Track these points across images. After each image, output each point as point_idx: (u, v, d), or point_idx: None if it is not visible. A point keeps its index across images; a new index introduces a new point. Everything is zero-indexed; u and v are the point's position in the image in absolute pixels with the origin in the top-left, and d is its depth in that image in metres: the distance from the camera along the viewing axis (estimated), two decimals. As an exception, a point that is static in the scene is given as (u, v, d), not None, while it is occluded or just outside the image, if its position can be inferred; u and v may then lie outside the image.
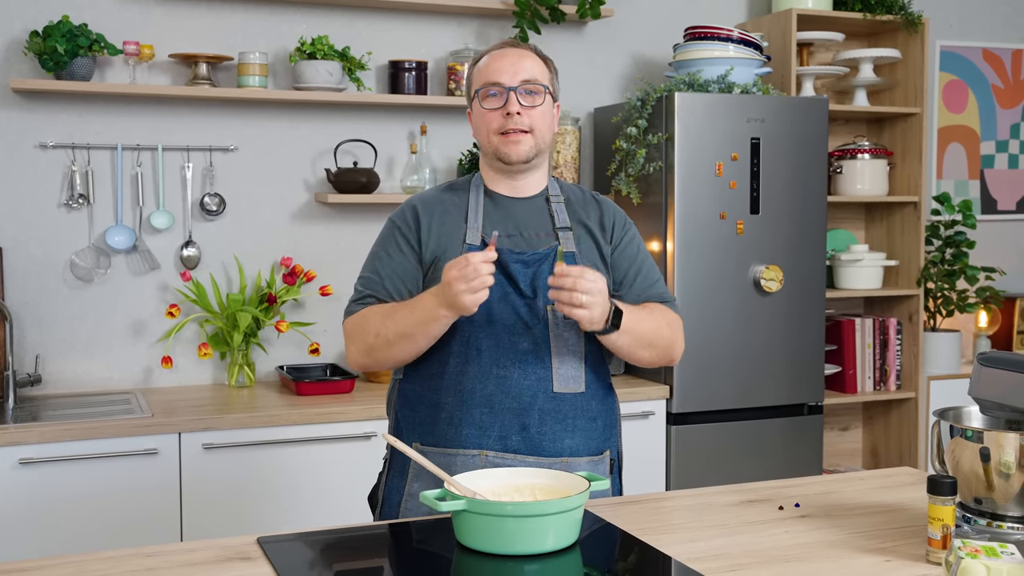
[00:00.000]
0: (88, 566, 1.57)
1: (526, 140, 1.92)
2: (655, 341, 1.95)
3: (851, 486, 2.03)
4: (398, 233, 1.97)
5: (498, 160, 1.95)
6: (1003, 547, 1.47)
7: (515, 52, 1.96)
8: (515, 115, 1.90)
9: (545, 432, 1.90)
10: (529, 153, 1.94)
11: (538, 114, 1.93)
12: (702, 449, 3.33)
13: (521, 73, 1.92)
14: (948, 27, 4.30)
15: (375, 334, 1.88)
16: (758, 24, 3.86)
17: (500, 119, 1.92)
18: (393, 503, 1.97)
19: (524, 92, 1.92)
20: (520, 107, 1.91)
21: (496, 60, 1.95)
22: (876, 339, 3.89)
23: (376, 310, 1.91)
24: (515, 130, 1.91)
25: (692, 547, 1.65)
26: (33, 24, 3.13)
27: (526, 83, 1.92)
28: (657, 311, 1.98)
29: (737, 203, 3.34)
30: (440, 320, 1.82)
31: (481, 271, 1.73)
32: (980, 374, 1.71)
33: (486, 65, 1.96)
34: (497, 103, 1.92)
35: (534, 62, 1.95)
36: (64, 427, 2.68)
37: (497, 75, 1.92)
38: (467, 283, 1.73)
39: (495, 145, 1.93)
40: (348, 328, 1.95)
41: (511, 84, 1.91)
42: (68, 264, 3.20)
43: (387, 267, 1.95)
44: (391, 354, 1.89)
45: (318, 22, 3.43)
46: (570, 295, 1.76)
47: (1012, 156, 4.45)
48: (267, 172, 3.40)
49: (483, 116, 1.94)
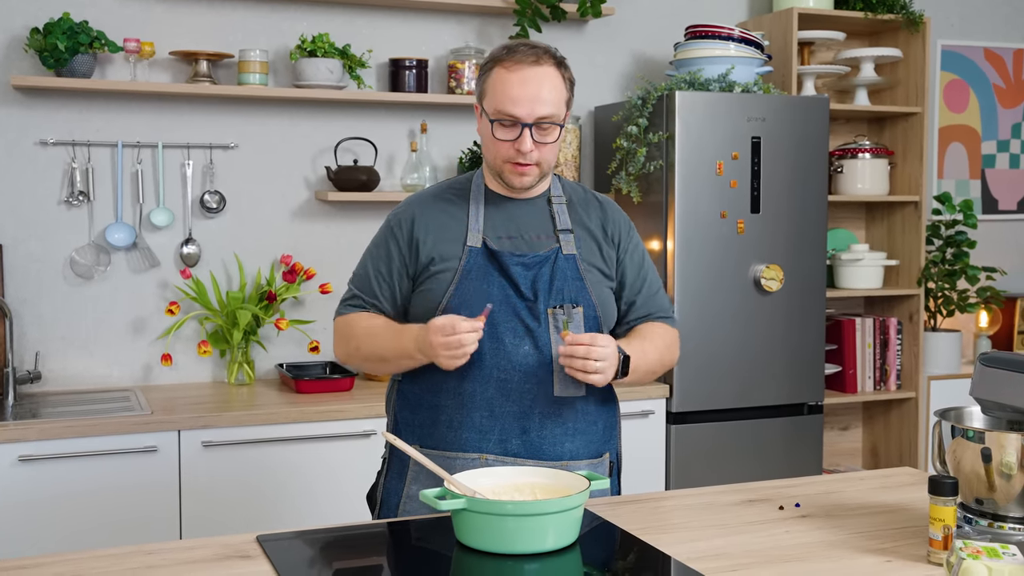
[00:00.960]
0: (87, 563, 1.57)
1: (532, 172, 1.91)
2: (658, 370, 2.01)
3: (852, 486, 2.03)
4: (390, 235, 1.99)
5: (502, 182, 1.96)
6: (1004, 548, 1.46)
7: (536, 75, 1.85)
8: (527, 152, 1.87)
9: (545, 436, 1.90)
10: (533, 182, 1.94)
11: (549, 149, 1.90)
12: (702, 448, 3.33)
13: (539, 108, 1.85)
14: (949, 26, 4.30)
15: (355, 347, 1.98)
16: (759, 23, 3.85)
17: (511, 151, 1.89)
18: (392, 504, 1.97)
19: (539, 129, 1.87)
20: (533, 144, 1.87)
21: (516, 85, 1.84)
22: (876, 339, 3.89)
23: (362, 323, 1.97)
24: (524, 164, 1.90)
25: (692, 547, 1.65)
26: (34, 21, 3.13)
27: (543, 119, 1.86)
28: (659, 336, 2.01)
29: (737, 202, 3.34)
30: (415, 360, 1.89)
31: (466, 343, 1.77)
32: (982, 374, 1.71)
33: (505, 88, 1.86)
34: (510, 135, 1.87)
35: (553, 88, 1.87)
36: (64, 424, 2.68)
37: (514, 106, 1.85)
38: (450, 351, 1.78)
39: (502, 171, 1.92)
40: (336, 327, 2.04)
41: (527, 120, 1.85)
42: (68, 261, 3.20)
43: (375, 267, 1.99)
44: (367, 368, 2.04)
45: (319, 20, 3.42)
46: (583, 363, 1.80)
47: (1013, 156, 4.45)
48: (267, 170, 3.40)
49: (493, 142, 1.90)
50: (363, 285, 2.00)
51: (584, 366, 1.79)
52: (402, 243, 1.96)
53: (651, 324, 2.03)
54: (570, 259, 1.94)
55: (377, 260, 1.99)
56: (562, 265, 1.92)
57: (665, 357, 2.01)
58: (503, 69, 1.87)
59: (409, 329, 1.89)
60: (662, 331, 2.02)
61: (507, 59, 1.88)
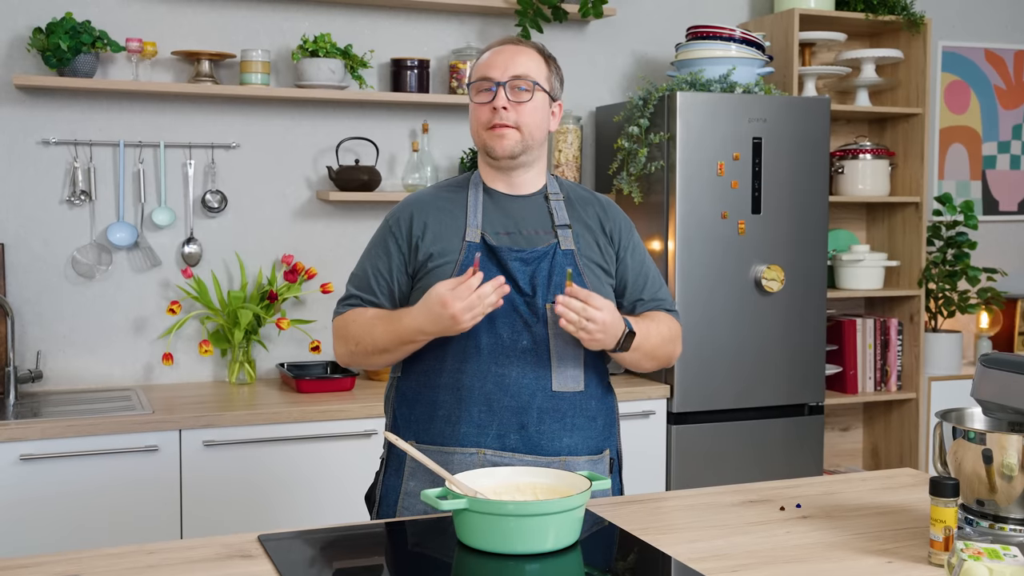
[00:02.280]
0: (88, 563, 1.57)
1: (511, 135, 1.92)
2: (659, 355, 2.00)
3: (852, 487, 2.03)
4: (389, 234, 1.99)
5: (487, 154, 1.97)
6: (1005, 549, 1.47)
7: (512, 48, 1.96)
8: (501, 110, 1.91)
9: (544, 431, 1.90)
10: (515, 149, 1.94)
11: (526, 110, 1.92)
12: (702, 449, 3.33)
13: (512, 68, 1.92)
14: (950, 27, 4.30)
15: (356, 343, 1.95)
16: (760, 24, 3.85)
17: (488, 113, 1.93)
18: (390, 502, 1.97)
19: (513, 88, 1.92)
20: (508, 102, 1.91)
21: (492, 55, 1.96)
22: (877, 339, 3.89)
23: (360, 318, 1.96)
24: (501, 124, 1.91)
25: (693, 547, 1.65)
26: (36, 21, 3.13)
27: (516, 79, 1.92)
28: (663, 323, 2.01)
29: (738, 203, 3.34)
30: (418, 341, 1.88)
31: (484, 296, 1.77)
32: (983, 375, 1.71)
33: (482, 60, 1.98)
34: (486, 97, 1.93)
35: (530, 58, 1.95)
36: (65, 423, 2.69)
37: (489, 69, 1.93)
38: (472, 311, 1.77)
39: (483, 139, 1.96)
40: (335, 328, 2.02)
41: (500, 79, 1.91)
42: (70, 260, 3.20)
43: (374, 266, 1.99)
44: (370, 363, 1.97)
45: (321, 20, 3.42)
46: (578, 319, 1.80)
47: (1014, 157, 4.45)
48: (269, 169, 3.40)
49: (474, 111, 1.96)
50: (361, 284, 2.00)
51: (579, 322, 1.80)
52: (401, 241, 1.97)
53: (658, 312, 2.03)
54: (568, 255, 1.95)
55: (375, 259, 1.99)
56: (560, 261, 1.93)
57: (668, 346, 2.01)
58: (485, 52, 1.99)
59: (405, 314, 1.88)
60: (667, 320, 2.03)
61: (489, 46, 2.00)
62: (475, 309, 1.77)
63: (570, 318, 1.80)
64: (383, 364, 1.98)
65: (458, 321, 1.78)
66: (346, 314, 1.99)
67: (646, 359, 1.97)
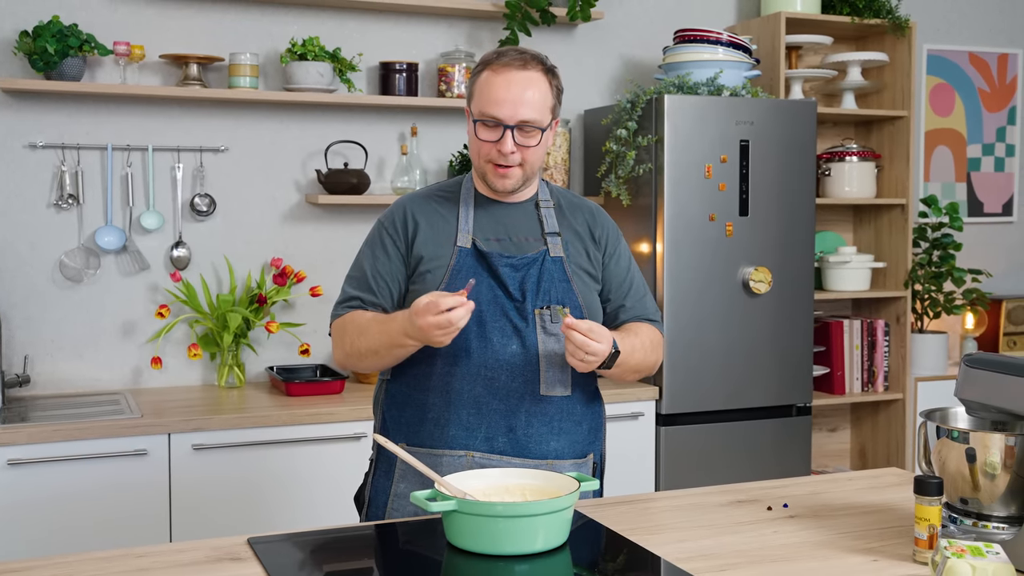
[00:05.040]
0: (78, 567, 1.57)
1: (514, 173, 1.93)
2: (641, 368, 2.01)
3: (839, 487, 2.04)
4: (385, 234, 1.99)
5: (485, 184, 1.97)
6: (988, 547, 1.48)
7: (522, 79, 1.88)
8: (509, 155, 1.90)
9: (531, 434, 1.91)
10: (516, 185, 1.95)
11: (531, 152, 1.92)
12: (691, 450, 3.35)
13: (521, 111, 1.87)
14: (935, 31, 4.33)
15: (350, 345, 1.95)
16: (747, 27, 3.87)
17: (493, 152, 1.91)
18: (379, 503, 1.97)
19: (520, 131, 1.89)
20: (515, 146, 1.89)
21: (500, 87, 1.87)
22: (864, 340, 3.91)
23: (355, 322, 1.95)
24: (505, 165, 1.92)
25: (681, 547, 1.66)
26: (23, 24, 3.13)
27: (525, 123, 1.88)
28: (646, 336, 2.02)
29: (726, 205, 3.36)
30: (406, 347, 1.87)
31: (455, 320, 1.75)
32: (966, 375, 1.72)
33: (488, 87, 1.89)
34: (492, 136, 1.90)
35: (538, 91, 1.89)
36: (53, 428, 2.68)
37: (497, 108, 1.87)
38: (442, 330, 1.76)
39: (484, 171, 1.95)
40: (333, 331, 2.02)
41: (509, 122, 1.88)
42: (57, 264, 3.20)
43: (373, 267, 1.98)
44: (363, 365, 1.96)
45: (309, 23, 3.43)
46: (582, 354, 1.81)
47: (998, 159, 4.48)
48: (257, 173, 3.40)
49: (476, 142, 1.93)
50: (361, 285, 1.98)
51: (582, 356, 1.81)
52: (398, 240, 1.97)
53: (639, 323, 2.05)
54: (557, 261, 1.96)
55: (373, 260, 1.98)
56: (549, 267, 1.95)
57: (650, 358, 2.03)
58: (491, 72, 1.90)
59: (395, 318, 1.88)
60: (649, 332, 2.04)
61: (496, 63, 1.91)
62: (445, 328, 1.76)
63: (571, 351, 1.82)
64: (374, 367, 1.97)
65: (426, 334, 1.77)
66: (344, 316, 1.98)
67: (628, 373, 1.99)
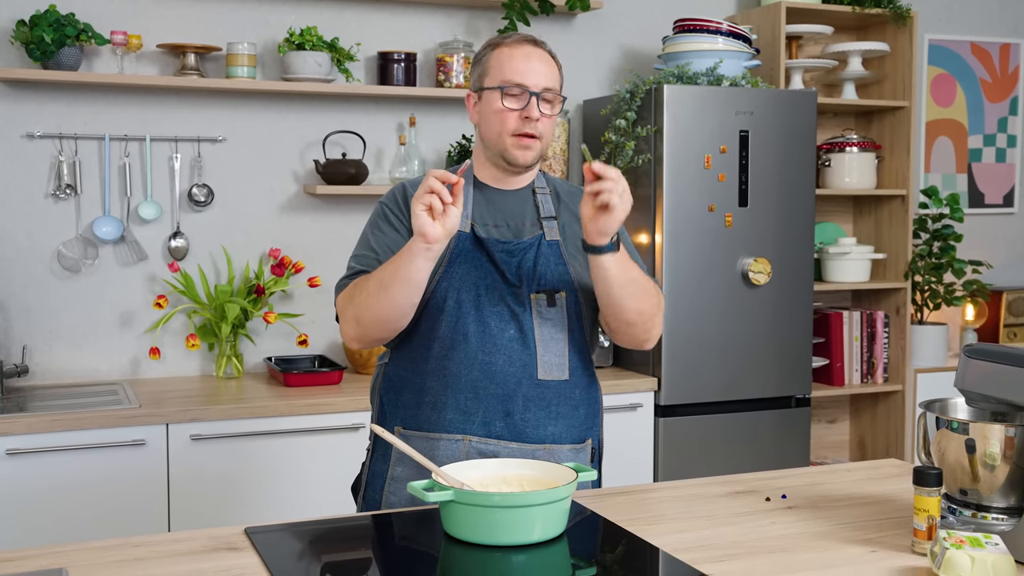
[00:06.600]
0: (75, 556, 1.57)
1: (535, 146, 1.94)
2: (641, 296, 1.91)
3: (838, 478, 2.04)
4: (388, 212, 1.98)
5: (503, 159, 1.95)
6: (988, 538, 1.48)
7: (540, 55, 1.95)
8: (534, 121, 1.91)
9: (528, 419, 1.91)
10: (535, 159, 1.96)
11: (550, 123, 1.95)
12: (690, 441, 3.34)
13: (543, 80, 1.93)
14: (936, 21, 4.31)
15: (360, 292, 1.85)
16: (747, 17, 3.86)
17: (518, 121, 1.91)
18: (376, 488, 1.97)
19: (545, 100, 1.93)
20: (539, 114, 1.92)
21: (522, 60, 1.93)
22: (863, 332, 3.91)
23: (361, 279, 1.89)
24: (530, 135, 1.92)
25: (679, 538, 1.66)
26: (20, 13, 3.11)
27: (548, 91, 1.93)
28: (648, 279, 1.98)
29: (726, 195, 3.35)
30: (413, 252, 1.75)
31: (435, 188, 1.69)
32: (966, 366, 1.72)
33: (510, 61, 1.93)
34: (518, 104, 1.91)
35: (552, 69, 1.96)
36: (51, 418, 2.68)
37: (523, 76, 1.91)
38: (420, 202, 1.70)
39: (506, 146, 1.93)
40: (339, 303, 1.92)
41: (535, 89, 1.91)
42: (55, 254, 3.19)
43: (380, 242, 1.95)
44: (375, 314, 1.82)
45: (307, 13, 3.41)
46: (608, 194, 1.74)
47: (999, 150, 4.47)
48: (255, 163, 3.39)
49: (500, 113, 1.92)
50: (368, 262, 1.92)
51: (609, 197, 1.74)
52: (402, 217, 1.96)
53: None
54: (553, 245, 1.96)
55: (380, 237, 1.95)
56: (545, 251, 1.95)
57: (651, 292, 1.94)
58: (505, 48, 1.96)
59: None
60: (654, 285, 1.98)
61: (506, 42, 1.97)
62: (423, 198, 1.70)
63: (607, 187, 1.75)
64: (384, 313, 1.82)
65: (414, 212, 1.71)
66: (349, 285, 1.91)
67: (629, 293, 1.88)
